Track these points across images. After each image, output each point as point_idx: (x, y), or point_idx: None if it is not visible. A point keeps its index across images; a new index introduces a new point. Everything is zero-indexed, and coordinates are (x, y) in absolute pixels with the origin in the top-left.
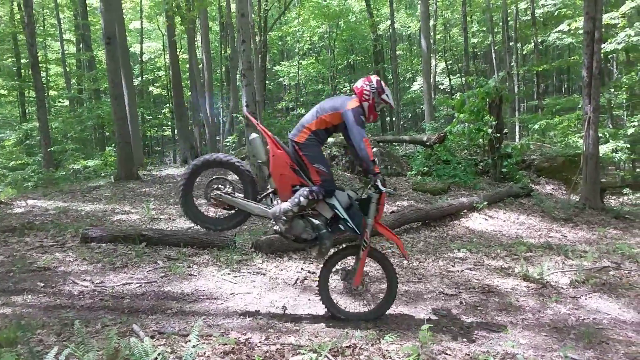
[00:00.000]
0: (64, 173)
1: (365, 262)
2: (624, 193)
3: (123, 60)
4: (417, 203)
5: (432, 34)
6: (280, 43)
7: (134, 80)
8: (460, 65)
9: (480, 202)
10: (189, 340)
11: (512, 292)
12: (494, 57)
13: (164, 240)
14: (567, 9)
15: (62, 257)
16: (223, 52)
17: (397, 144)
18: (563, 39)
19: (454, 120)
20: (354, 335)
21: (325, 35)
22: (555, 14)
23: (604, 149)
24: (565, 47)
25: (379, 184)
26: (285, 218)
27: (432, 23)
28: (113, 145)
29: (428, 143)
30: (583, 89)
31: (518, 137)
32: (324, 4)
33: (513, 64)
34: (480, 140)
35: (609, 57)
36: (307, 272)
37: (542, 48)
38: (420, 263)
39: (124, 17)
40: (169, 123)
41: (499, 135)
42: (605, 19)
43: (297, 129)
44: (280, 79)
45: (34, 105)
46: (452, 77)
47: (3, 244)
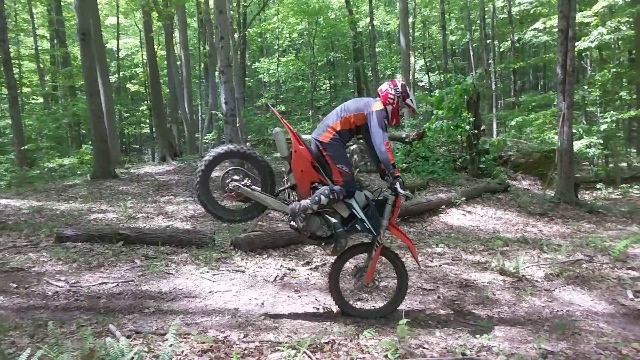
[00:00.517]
0: (39, 172)
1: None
2: (598, 188)
3: (99, 57)
4: None
5: (411, 32)
6: (260, 40)
7: (111, 77)
8: (439, 63)
9: (459, 197)
10: (167, 339)
11: (488, 286)
12: (472, 54)
13: (142, 239)
14: (542, 7)
15: (36, 257)
16: (202, 48)
17: None
18: (539, 37)
19: (433, 117)
20: (333, 331)
21: (305, 32)
22: (531, 12)
23: (578, 145)
24: (541, 44)
25: (398, 187)
26: (304, 215)
27: (411, 20)
28: (89, 143)
29: (407, 140)
30: (558, 86)
31: (495, 133)
32: (303, 1)
33: (490, 62)
34: (459, 137)
35: (583, 54)
36: (286, 269)
37: (518, 46)
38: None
39: (100, 12)
40: (147, 120)
41: (477, 132)
42: (579, 18)
43: (320, 129)
44: (260, 76)
45: (6, 103)
46: (431, 74)
47: None
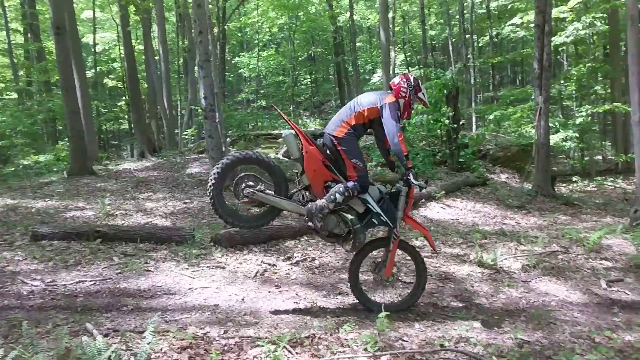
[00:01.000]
0: (13, 169)
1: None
2: (574, 180)
3: (74, 51)
4: None
5: (391, 26)
6: (240, 34)
7: (88, 72)
8: (419, 58)
9: (438, 191)
10: (145, 337)
11: (467, 278)
12: (451, 49)
13: (120, 236)
14: (520, 3)
15: (10, 256)
16: (181, 43)
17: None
18: (517, 32)
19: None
20: (313, 326)
21: (285, 27)
22: (509, 7)
23: (555, 139)
24: (519, 40)
25: (411, 178)
26: (321, 215)
27: (390, 15)
28: (66, 140)
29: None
30: (534, 81)
31: (475, 127)
32: None
33: (469, 56)
34: (438, 131)
35: (560, 49)
36: (267, 264)
37: (497, 41)
38: (379, 252)
39: (75, 5)
40: (126, 116)
41: (456, 126)
42: (555, 13)
43: (334, 124)
44: (240, 71)
45: None
46: (411, 69)
47: None
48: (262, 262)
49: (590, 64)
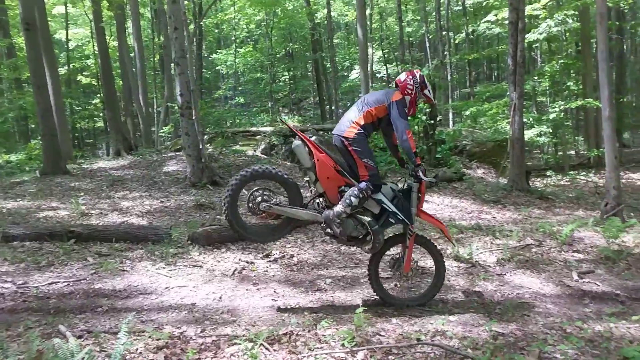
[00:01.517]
0: None
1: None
2: (548, 175)
3: (45, 47)
4: None
5: (368, 23)
6: (217, 31)
7: (60, 69)
8: (397, 54)
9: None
10: (119, 338)
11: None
12: (428, 46)
13: (95, 236)
14: (494, 0)
15: None
16: (156, 39)
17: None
18: (492, 29)
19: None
20: (291, 322)
21: (263, 23)
22: (484, 5)
23: (529, 134)
24: (495, 36)
25: (421, 174)
26: (339, 221)
27: (368, 12)
28: (38, 138)
29: None
30: (509, 77)
31: (452, 123)
32: None
33: (446, 53)
34: (416, 127)
35: (533, 46)
36: (245, 262)
37: (473, 37)
38: (358, 248)
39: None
40: (101, 114)
41: (433, 122)
42: (528, 10)
43: (343, 125)
44: (218, 68)
45: None
46: (388, 65)
47: None
48: (240, 259)
49: (563, 61)
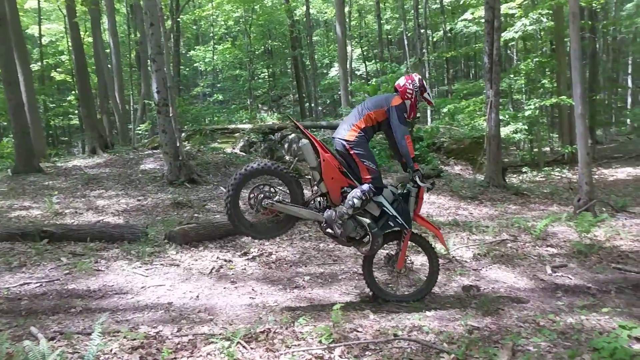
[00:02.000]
0: None
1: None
2: (523, 171)
3: (17, 43)
4: None
5: (347, 21)
6: (195, 27)
7: (33, 65)
8: (375, 52)
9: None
10: (93, 339)
11: (421, 268)
12: (407, 43)
13: (69, 236)
14: None
15: None
16: (132, 35)
17: (315, 130)
18: (469, 27)
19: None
20: (268, 320)
21: (241, 20)
22: (462, 3)
23: (505, 131)
24: (472, 34)
25: (418, 180)
26: (341, 221)
27: (347, 9)
28: (10, 136)
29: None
30: (485, 75)
31: (429, 120)
32: None
33: (424, 51)
34: None
35: (509, 45)
36: (223, 260)
37: (450, 35)
38: (336, 245)
39: None
40: (76, 111)
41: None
42: (504, 9)
43: (344, 129)
44: (196, 65)
45: None
46: (367, 63)
47: None
48: (217, 258)
49: (538, 59)
